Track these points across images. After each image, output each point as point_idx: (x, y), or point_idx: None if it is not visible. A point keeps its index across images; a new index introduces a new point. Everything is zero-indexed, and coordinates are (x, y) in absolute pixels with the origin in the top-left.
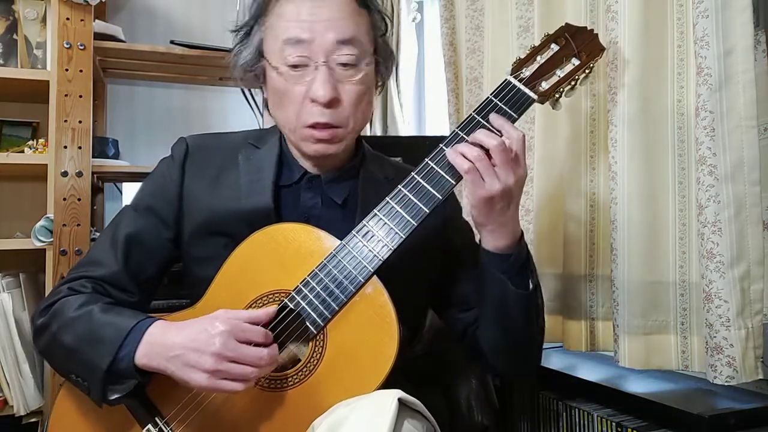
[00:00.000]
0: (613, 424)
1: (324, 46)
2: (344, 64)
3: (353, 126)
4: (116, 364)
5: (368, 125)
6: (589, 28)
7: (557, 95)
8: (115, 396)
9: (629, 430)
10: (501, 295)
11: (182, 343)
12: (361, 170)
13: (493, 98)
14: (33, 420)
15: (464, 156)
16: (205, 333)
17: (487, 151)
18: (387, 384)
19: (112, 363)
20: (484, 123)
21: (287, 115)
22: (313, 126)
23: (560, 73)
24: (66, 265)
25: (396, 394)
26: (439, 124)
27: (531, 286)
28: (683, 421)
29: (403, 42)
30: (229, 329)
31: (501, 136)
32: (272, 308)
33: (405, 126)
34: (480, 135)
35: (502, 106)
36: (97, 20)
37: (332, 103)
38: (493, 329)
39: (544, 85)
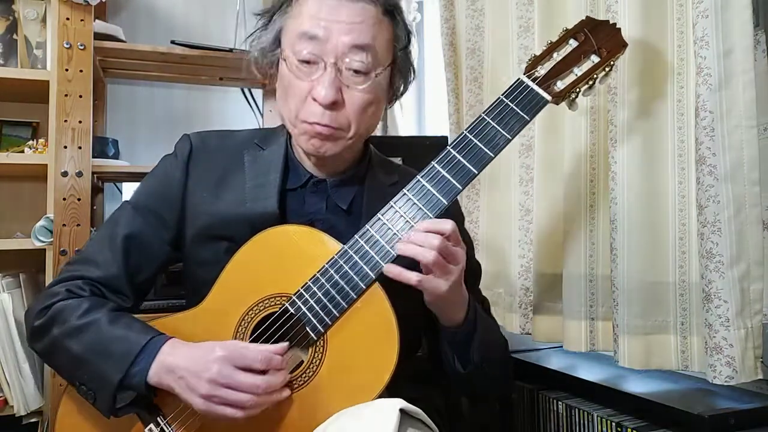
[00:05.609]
0: (613, 424)
1: (337, 47)
2: (355, 70)
3: (355, 132)
4: (127, 380)
5: None
6: (611, 22)
7: (574, 95)
8: (123, 404)
9: (629, 430)
10: (449, 367)
11: (185, 366)
12: (367, 176)
13: (504, 99)
14: (33, 420)
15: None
16: (204, 359)
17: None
18: (389, 387)
19: (123, 378)
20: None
21: (289, 108)
22: (313, 123)
23: (578, 71)
24: None
25: (398, 404)
26: (439, 124)
27: (472, 365)
28: (683, 421)
29: None
30: (227, 355)
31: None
32: (283, 344)
33: (405, 126)
34: (417, 242)
35: (514, 107)
36: (97, 20)
37: (333, 106)
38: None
39: (560, 85)
